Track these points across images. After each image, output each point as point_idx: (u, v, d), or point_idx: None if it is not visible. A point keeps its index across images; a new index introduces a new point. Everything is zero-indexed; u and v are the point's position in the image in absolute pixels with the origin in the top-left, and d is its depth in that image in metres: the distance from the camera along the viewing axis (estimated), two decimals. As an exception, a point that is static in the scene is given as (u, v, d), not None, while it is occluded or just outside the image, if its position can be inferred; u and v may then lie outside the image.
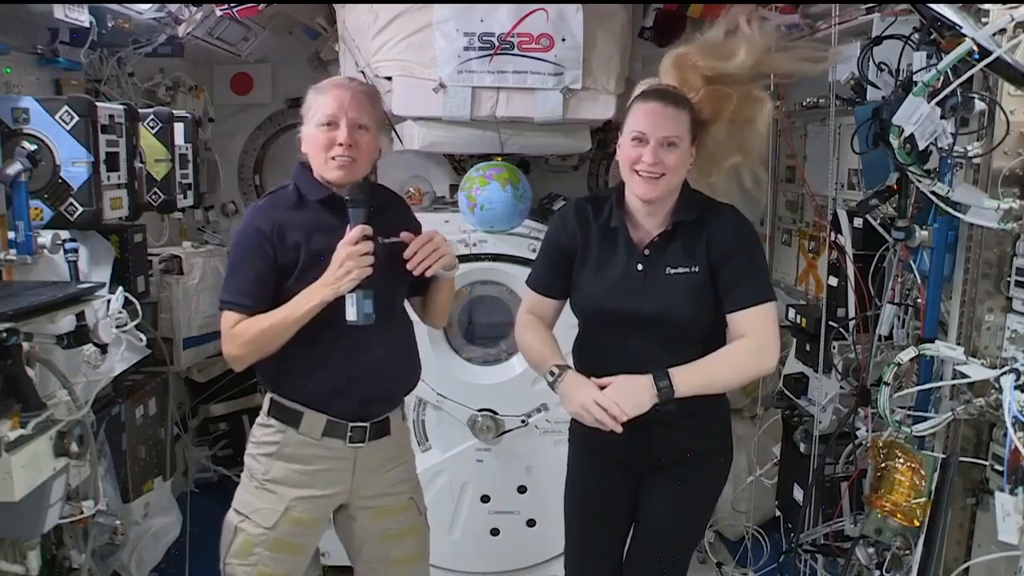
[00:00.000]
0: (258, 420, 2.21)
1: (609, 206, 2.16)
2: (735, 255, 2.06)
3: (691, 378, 2.01)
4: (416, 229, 2.19)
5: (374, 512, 2.24)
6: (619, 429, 1.98)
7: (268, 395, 2.19)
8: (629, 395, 1.99)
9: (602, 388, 2.02)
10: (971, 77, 1.96)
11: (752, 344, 2.04)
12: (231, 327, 2.07)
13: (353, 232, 1.99)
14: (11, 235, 2.30)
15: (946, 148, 2.03)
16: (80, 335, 2.33)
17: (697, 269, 2.07)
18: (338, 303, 2.00)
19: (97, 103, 2.54)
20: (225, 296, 2.10)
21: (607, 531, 2.29)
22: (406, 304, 2.32)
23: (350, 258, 1.97)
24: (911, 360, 2.17)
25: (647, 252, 2.10)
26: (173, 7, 3.40)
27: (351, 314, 1.99)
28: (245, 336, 2.05)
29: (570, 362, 2.24)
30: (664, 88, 2.13)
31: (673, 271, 2.08)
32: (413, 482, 2.35)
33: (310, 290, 2.01)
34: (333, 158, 2.05)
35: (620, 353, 2.10)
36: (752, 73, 2.19)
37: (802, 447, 2.75)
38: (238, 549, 2.14)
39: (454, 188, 3.67)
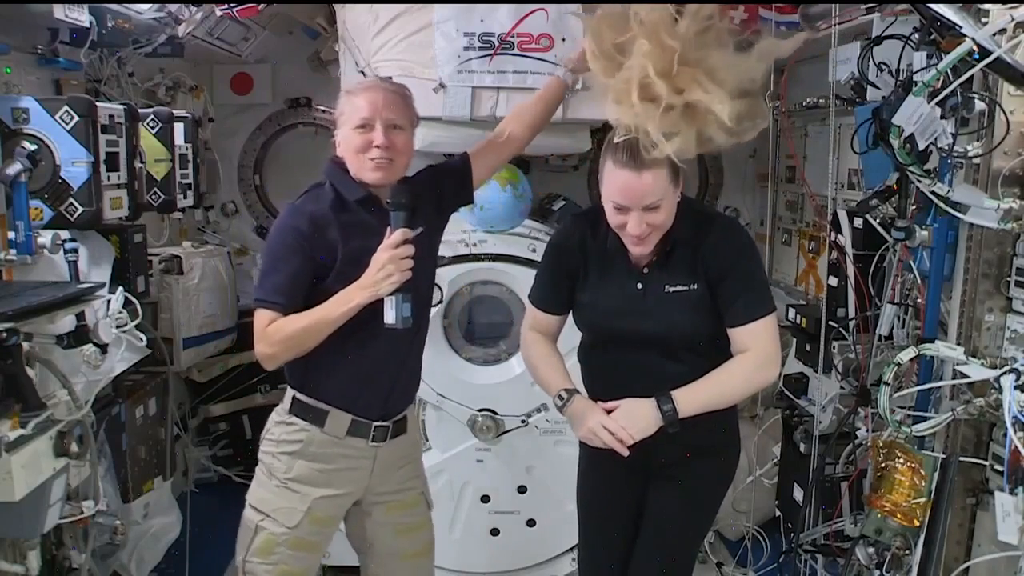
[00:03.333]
0: (276, 417, 2.19)
1: (605, 224, 2.11)
2: (732, 270, 2.06)
3: (695, 398, 2.03)
4: (426, 192, 2.20)
5: (388, 507, 2.27)
6: (626, 452, 2.02)
7: (291, 393, 2.17)
8: (635, 420, 2.02)
9: (609, 411, 2.05)
10: (971, 77, 1.96)
11: (754, 359, 2.05)
12: (265, 326, 2.02)
13: (395, 236, 1.98)
14: (11, 235, 2.31)
15: (946, 148, 2.03)
16: (80, 335, 2.33)
17: (696, 286, 2.07)
18: (374, 303, 1.99)
19: (97, 103, 2.54)
20: (260, 294, 2.05)
21: (616, 528, 2.30)
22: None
23: (391, 261, 1.95)
24: (911, 360, 2.17)
25: (645, 271, 2.10)
26: (173, 7, 3.40)
27: (390, 318, 1.98)
28: (280, 335, 2.01)
29: (572, 362, 2.26)
30: (636, 148, 1.94)
31: (672, 289, 2.07)
32: (423, 477, 2.39)
33: (347, 292, 1.99)
34: (371, 160, 2.05)
35: (626, 364, 2.12)
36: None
37: (802, 447, 2.75)
38: (259, 548, 2.13)
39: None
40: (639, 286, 2.10)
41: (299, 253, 2.04)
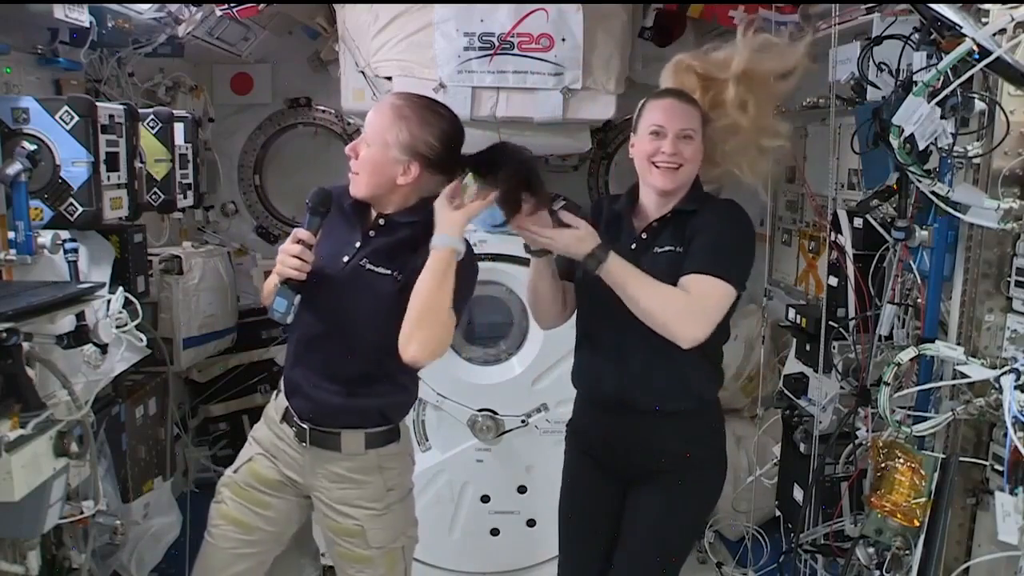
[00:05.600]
0: None
1: (621, 200, 2.26)
2: (708, 230, 2.09)
3: (622, 270, 1.99)
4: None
5: (326, 519, 2.23)
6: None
7: None
8: (572, 238, 2.01)
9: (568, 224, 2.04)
10: (971, 77, 1.96)
11: (688, 299, 2.00)
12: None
13: (293, 233, 2.02)
14: (11, 235, 2.30)
15: (946, 148, 2.03)
16: (80, 335, 2.33)
17: (680, 249, 2.10)
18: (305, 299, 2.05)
19: (97, 103, 2.53)
20: None
21: (595, 536, 2.28)
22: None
23: (280, 252, 2.01)
24: (911, 360, 2.17)
25: (644, 235, 2.16)
26: (173, 7, 3.40)
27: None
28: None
29: (568, 366, 2.28)
30: (675, 88, 2.25)
31: (660, 250, 2.12)
32: (373, 512, 2.18)
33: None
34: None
35: (604, 331, 2.14)
36: (745, 76, 2.26)
37: (802, 447, 2.75)
38: (217, 489, 2.29)
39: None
40: (633, 247, 2.15)
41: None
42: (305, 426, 2.15)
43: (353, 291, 2.07)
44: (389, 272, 2.05)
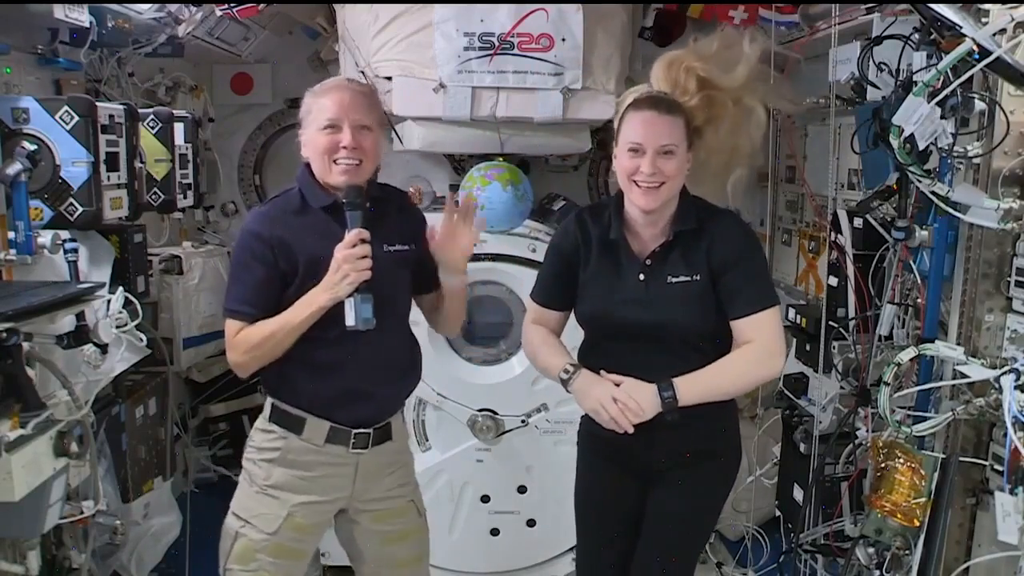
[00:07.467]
0: (258, 424, 2.18)
1: (608, 216, 2.15)
2: (736, 262, 2.06)
3: (695, 386, 2.02)
4: (421, 227, 2.19)
5: (375, 516, 2.23)
6: (631, 429, 2.02)
7: (269, 400, 2.15)
8: (636, 400, 2.02)
9: (616, 385, 2.06)
10: (971, 77, 1.96)
11: (756, 350, 2.04)
12: (234, 335, 2.05)
13: (350, 236, 1.98)
14: (11, 235, 2.30)
15: (946, 148, 2.03)
16: (80, 335, 2.33)
17: (698, 277, 2.07)
18: (340, 308, 1.99)
19: (97, 103, 2.53)
20: (227, 304, 2.08)
21: (614, 533, 2.28)
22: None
23: (346, 262, 1.95)
24: (911, 360, 2.17)
25: (648, 262, 2.10)
26: (173, 7, 3.40)
27: (350, 319, 1.98)
28: (248, 344, 2.03)
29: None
30: (657, 95, 2.11)
31: (674, 280, 2.07)
32: (412, 484, 2.33)
33: (309, 296, 2.00)
34: (336, 162, 2.02)
35: (625, 361, 2.10)
36: (741, 91, 2.21)
37: (802, 447, 2.75)
38: (239, 555, 2.12)
39: (454, 188, 3.67)
40: (641, 276, 2.10)
41: (261, 260, 2.04)
42: (369, 431, 2.13)
43: (393, 276, 2.09)
44: (407, 247, 2.15)
